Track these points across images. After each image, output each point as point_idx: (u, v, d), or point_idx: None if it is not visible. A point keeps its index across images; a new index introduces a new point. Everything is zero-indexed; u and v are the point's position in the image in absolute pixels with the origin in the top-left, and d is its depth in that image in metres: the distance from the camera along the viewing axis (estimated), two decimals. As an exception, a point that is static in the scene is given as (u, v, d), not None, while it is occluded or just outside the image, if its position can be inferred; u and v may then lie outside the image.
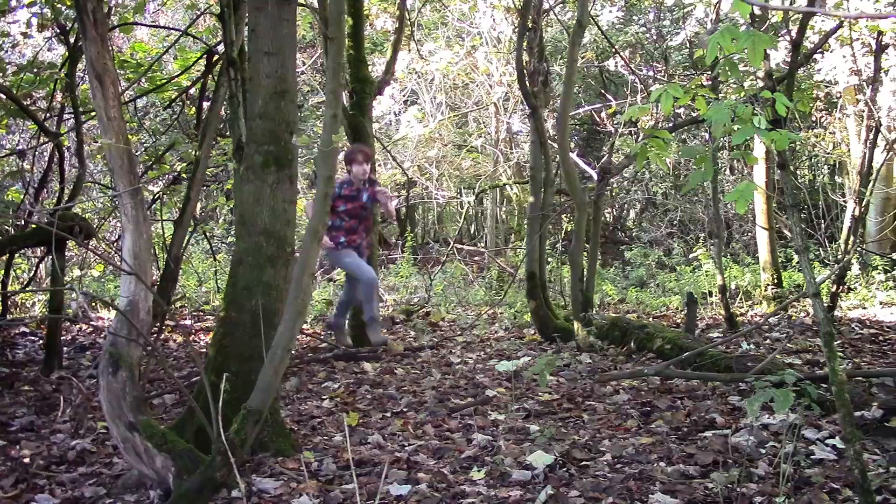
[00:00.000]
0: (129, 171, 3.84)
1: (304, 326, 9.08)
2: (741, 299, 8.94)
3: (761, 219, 8.65)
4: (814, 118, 12.41)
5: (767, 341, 7.02)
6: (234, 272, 4.44)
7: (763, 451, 3.98)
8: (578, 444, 4.21)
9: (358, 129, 7.46)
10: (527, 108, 7.58)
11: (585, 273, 6.86)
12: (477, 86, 11.72)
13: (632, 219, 17.02)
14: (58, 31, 6.93)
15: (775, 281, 8.52)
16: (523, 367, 5.78)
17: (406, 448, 4.27)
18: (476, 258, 11.39)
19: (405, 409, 5.13)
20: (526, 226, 7.48)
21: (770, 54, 7.57)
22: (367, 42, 12.83)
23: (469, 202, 11.29)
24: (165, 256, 6.90)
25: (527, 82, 7.15)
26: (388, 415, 5.03)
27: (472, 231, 13.93)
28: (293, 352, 7.41)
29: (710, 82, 6.07)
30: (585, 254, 7.09)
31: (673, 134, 8.83)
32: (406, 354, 7.01)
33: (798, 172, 14.74)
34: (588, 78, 13.19)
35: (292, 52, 4.47)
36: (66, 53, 6.93)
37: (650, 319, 8.50)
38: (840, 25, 6.91)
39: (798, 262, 8.81)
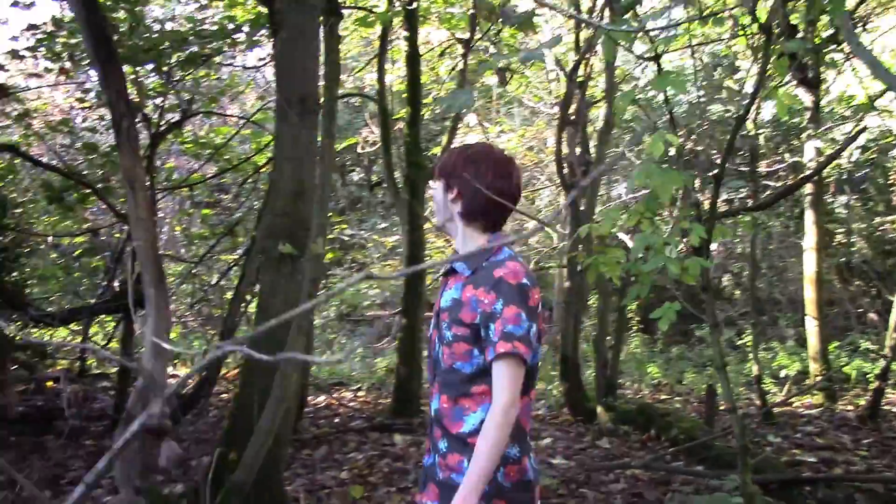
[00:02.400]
0: (153, 263, 4.40)
1: (361, 393, 9.55)
2: (789, 389, 8.90)
3: (810, 308, 8.65)
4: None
5: (798, 435, 7.03)
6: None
7: (723, 551, 4.14)
8: (550, 531, 4.47)
9: (412, 212, 7.96)
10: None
11: (610, 359, 7.09)
12: (547, 165, 12.12)
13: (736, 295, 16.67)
14: (141, 119, 7.75)
15: (824, 372, 8.47)
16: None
17: (389, 525, 4.62)
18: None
19: (410, 485, 5.47)
20: (562, 308, 7.74)
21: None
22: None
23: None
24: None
25: (565, 173, 7.51)
26: (393, 490, 5.38)
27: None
28: (336, 420, 7.88)
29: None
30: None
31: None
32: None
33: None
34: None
35: (311, 158, 4.99)
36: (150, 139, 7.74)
37: (696, 404, 8.59)
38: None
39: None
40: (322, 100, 4.55)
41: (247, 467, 3.99)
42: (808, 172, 6.82)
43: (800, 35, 4.83)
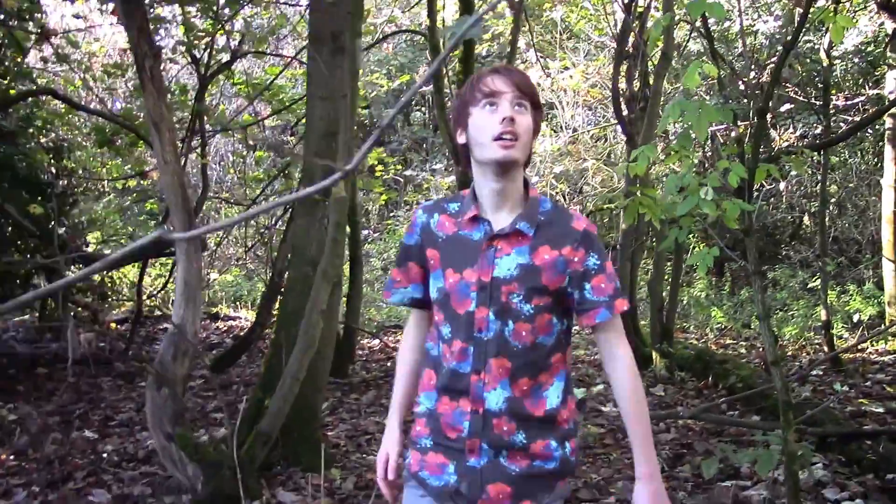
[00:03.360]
0: (182, 209, 4.31)
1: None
2: (864, 333, 8.47)
3: (888, 250, 8.18)
4: None
5: (868, 383, 6.68)
6: (285, 298, 4.86)
7: (772, 508, 3.93)
8: (590, 483, 4.31)
9: (457, 155, 7.73)
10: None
11: (666, 303, 6.81)
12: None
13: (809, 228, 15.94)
14: (190, 59, 7.67)
15: (900, 317, 8.03)
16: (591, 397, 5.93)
17: (425, 473, 4.51)
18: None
19: (452, 433, 5.36)
20: (619, 251, 7.46)
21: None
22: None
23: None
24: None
25: (623, 109, 7.17)
26: (434, 437, 5.27)
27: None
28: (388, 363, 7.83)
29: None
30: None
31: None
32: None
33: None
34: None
35: (345, 97, 4.81)
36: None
37: (761, 350, 8.26)
38: None
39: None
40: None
41: (272, 416, 3.93)
42: (882, 107, 6.33)
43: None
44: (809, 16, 3.58)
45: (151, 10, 7.43)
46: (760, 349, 8.43)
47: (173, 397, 4.25)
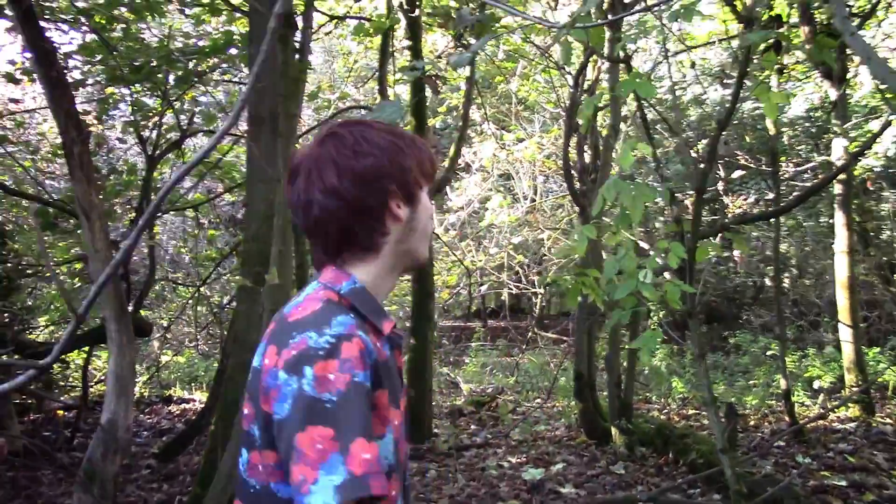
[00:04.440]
0: (115, 297, 4.14)
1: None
2: (823, 401, 8.39)
3: (843, 315, 8.16)
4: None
5: (830, 454, 6.57)
6: (226, 387, 4.67)
7: None
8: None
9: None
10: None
11: (624, 377, 6.69)
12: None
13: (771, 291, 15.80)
14: (137, 140, 7.56)
15: (860, 383, 7.97)
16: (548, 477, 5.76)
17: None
18: (562, 345, 11.27)
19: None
20: (575, 324, 7.36)
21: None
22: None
23: (541, 292, 11.29)
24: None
25: (575, 181, 7.15)
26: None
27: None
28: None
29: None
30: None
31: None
32: (450, 454, 7.02)
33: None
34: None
35: (279, 182, 4.71)
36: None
37: (723, 420, 8.13)
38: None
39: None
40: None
41: (208, 516, 3.72)
42: (828, 174, 6.38)
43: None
44: (750, 89, 3.57)
45: (102, 91, 7.38)
46: (723, 419, 8.30)
47: (102, 498, 4.02)
